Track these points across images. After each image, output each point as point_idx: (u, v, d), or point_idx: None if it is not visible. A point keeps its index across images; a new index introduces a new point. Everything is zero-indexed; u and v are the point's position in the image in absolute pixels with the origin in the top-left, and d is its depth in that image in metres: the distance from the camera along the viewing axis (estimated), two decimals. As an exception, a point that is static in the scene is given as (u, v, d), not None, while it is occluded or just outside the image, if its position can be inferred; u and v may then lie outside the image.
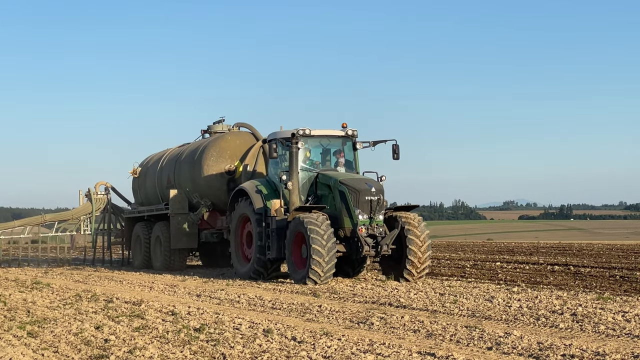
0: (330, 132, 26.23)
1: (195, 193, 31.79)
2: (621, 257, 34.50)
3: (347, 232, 24.24)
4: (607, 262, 31.38)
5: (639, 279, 23.97)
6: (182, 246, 32.79)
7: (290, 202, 25.10)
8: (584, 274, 26.26)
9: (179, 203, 32.50)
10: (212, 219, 32.20)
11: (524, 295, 19.73)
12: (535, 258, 34.70)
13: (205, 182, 31.17)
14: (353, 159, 26.47)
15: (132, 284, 26.62)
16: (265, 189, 26.24)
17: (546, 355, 11.81)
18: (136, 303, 19.98)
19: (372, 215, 24.08)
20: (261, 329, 14.87)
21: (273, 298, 20.52)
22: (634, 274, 25.25)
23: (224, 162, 31.02)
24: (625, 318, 15.31)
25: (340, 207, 24.29)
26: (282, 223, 24.95)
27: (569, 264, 30.54)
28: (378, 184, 24.80)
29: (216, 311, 17.91)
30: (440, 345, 12.89)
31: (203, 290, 23.22)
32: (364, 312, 17.16)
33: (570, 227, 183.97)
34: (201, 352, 12.59)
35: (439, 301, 18.85)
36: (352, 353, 12.24)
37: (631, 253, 37.13)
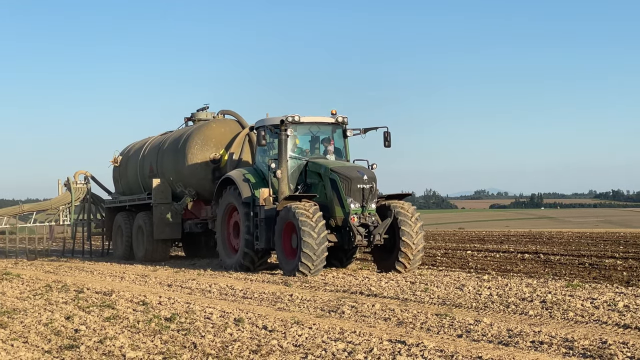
0: (320, 119, 25.60)
1: (179, 182, 31.18)
2: (590, 245, 34.74)
3: (339, 221, 23.61)
4: (576, 250, 31.60)
5: (607, 266, 24.16)
6: (165, 237, 32.08)
7: (280, 191, 24.53)
8: (554, 261, 26.42)
9: (162, 192, 31.83)
10: (197, 208, 31.50)
11: (494, 283, 19.84)
12: (505, 246, 34.88)
13: (190, 171, 30.52)
14: (343, 147, 25.85)
15: (102, 274, 26.52)
16: (253, 177, 25.63)
17: (516, 342, 11.89)
18: (107, 293, 19.92)
19: (364, 204, 23.47)
20: (232, 318, 14.87)
21: (244, 287, 20.52)
22: (603, 262, 25.44)
23: (209, 150, 30.26)
24: (594, 305, 15.43)
25: (332, 195, 23.69)
26: (271, 212, 24.30)
27: (539, 252, 30.73)
28: (370, 171, 24.14)
29: (187, 301, 17.88)
30: (411, 333, 12.95)
31: (174, 280, 23.18)
32: (335, 300, 17.20)
33: (540, 216, 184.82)
34: (172, 342, 12.58)
35: (409, 290, 18.92)
36: (323, 341, 12.27)
37: (600, 241, 37.40)
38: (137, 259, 32.80)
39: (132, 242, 33.68)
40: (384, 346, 11.78)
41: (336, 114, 25.49)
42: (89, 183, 38.40)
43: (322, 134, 25.77)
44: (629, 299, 16.14)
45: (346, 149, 25.80)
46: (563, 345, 11.57)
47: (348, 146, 25.83)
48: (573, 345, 11.52)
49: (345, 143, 25.82)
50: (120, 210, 35.53)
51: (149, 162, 33.52)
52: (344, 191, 23.40)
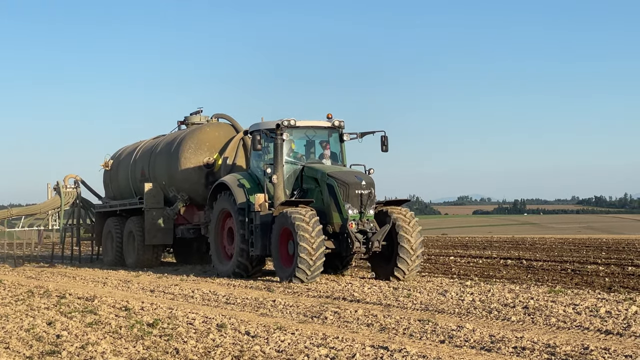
0: (316, 123, 25.11)
1: (172, 187, 30.56)
2: (573, 250, 34.83)
3: (336, 227, 23.07)
4: (559, 256, 31.69)
5: (589, 272, 24.23)
6: (157, 242, 31.47)
7: (275, 196, 23.87)
8: (536, 267, 26.49)
9: (154, 197, 31.30)
10: (189, 214, 31.00)
11: (477, 289, 19.87)
12: (488, 252, 34.93)
13: (183, 175, 29.91)
14: (339, 151, 25.41)
15: (85, 279, 26.44)
16: (248, 182, 25.09)
17: (498, 348, 11.91)
18: (89, 299, 19.86)
19: (362, 210, 22.92)
20: (215, 324, 14.85)
21: (227, 293, 20.49)
22: (585, 268, 25.51)
23: (203, 154, 29.72)
24: (576, 311, 15.47)
25: (329, 201, 23.15)
26: (266, 218, 23.73)
27: (521, 257, 30.79)
28: (368, 177, 23.67)
29: (170, 306, 17.84)
30: (394, 339, 12.95)
31: (157, 286, 23.13)
32: (317, 306, 17.19)
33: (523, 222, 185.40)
34: (154, 347, 12.55)
35: (392, 295, 18.93)
36: (305, 347, 12.26)
37: (582, 247, 37.50)
38: (128, 265, 32.22)
39: (123, 248, 33.07)
40: (367, 352, 11.78)
41: (332, 118, 25.11)
42: (79, 187, 37.67)
43: (318, 138, 25.41)
44: (611, 304, 16.19)
45: (343, 153, 25.47)
46: (545, 350, 11.60)
47: (345, 151, 25.51)
48: (555, 350, 11.55)
49: (342, 147, 25.50)
50: (110, 215, 34.85)
51: (140, 166, 32.94)
52: (341, 197, 22.93)
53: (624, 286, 20.46)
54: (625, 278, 22.39)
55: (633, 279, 22.14)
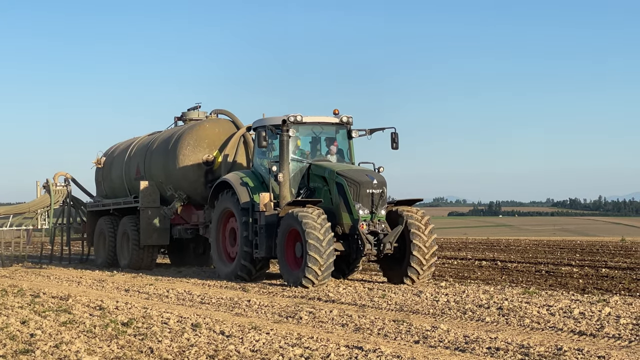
0: (324, 119, 23.95)
1: (169, 185, 29.29)
2: (547, 252, 35.01)
3: (346, 228, 21.97)
4: (533, 257, 31.85)
5: (563, 274, 24.35)
6: (153, 243, 30.22)
7: (281, 195, 22.72)
8: (511, 269, 26.60)
9: (150, 196, 30.01)
10: (187, 213, 29.72)
11: (452, 290, 19.93)
12: (463, 253, 35.06)
13: (181, 173, 28.66)
14: (347, 149, 24.20)
15: (59, 278, 26.33)
16: (251, 181, 23.96)
17: (472, 349, 11.95)
18: (63, 298, 19.78)
19: (373, 210, 21.85)
20: (189, 323, 14.83)
21: (202, 293, 20.47)
22: (559, 269, 25.64)
23: (202, 151, 28.50)
24: (550, 312, 15.55)
25: (338, 201, 22.08)
26: (272, 219, 22.56)
27: (496, 259, 30.93)
28: (379, 175, 22.56)
29: (144, 306, 17.80)
30: (368, 339, 12.97)
31: (132, 285, 23.07)
32: (292, 306, 17.19)
33: (498, 224, 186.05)
34: (128, 347, 12.51)
35: (367, 296, 18.96)
36: (280, 347, 12.26)
37: (557, 249, 37.72)
38: (122, 266, 30.97)
39: (116, 249, 31.90)
40: (341, 352, 11.79)
41: (339, 114, 24.06)
42: (69, 185, 36.33)
43: (324, 134, 24.24)
44: (585, 306, 16.27)
45: (351, 150, 24.28)
46: (519, 351, 11.65)
47: (353, 148, 24.34)
48: (529, 351, 11.60)
49: (350, 144, 24.32)
50: (103, 214, 33.70)
51: (135, 163, 31.73)
52: (351, 196, 21.89)
53: (597, 288, 20.58)
54: (599, 280, 22.52)
55: (606, 280, 22.27)
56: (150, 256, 30.75)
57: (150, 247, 30.55)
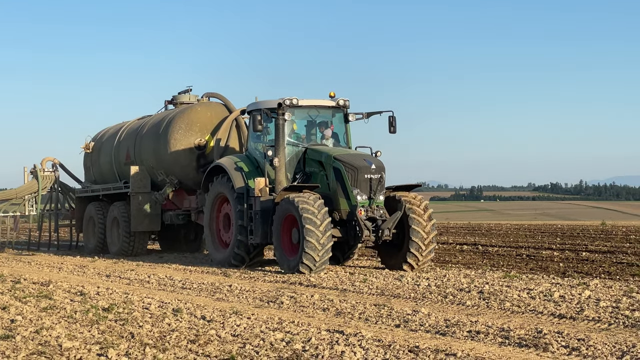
0: (320, 102, 23.42)
1: (160, 170, 28.62)
2: (528, 236, 35.13)
3: (343, 214, 21.51)
4: (514, 241, 31.95)
5: (544, 257, 24.45)
6: (144, 229, 29.54)
7: (277, 180, 22.25)
8: (492, 253, 26.68)
9: (141, 181, 29.31)
10: (179, 198, 29.12)
11: (433, 274, 20.00)
12: (444, 238, 35.13)
13: (172, 158, 27.97)
14: (344, 133, 23.69)
15: (40, 264, 26.26)
16: (246, 165, 23.46)
17: (453, 332, 11.99)
18: (44, 284, 19.73)
19: (372, 195, 21.41)
20: (170, 309, 14.82)
21: (183, 278, 20.45)
22: (540, 253, 25.74)
23: (194, 135, 27.81)
24: (530, 295, 15.61)
25: (335, 186, 21.60)
26: (267, 204, 22.12)
27: (477, 243, 31.02)
28: (378, 160, 22.11)
29: (125, 291, 17.78)
30: (349, 323, 13.00)
31: (113, 271, 23.03)
32: (274, 291, 17.21)
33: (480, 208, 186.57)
34: (109, 332, 12.49)
35: (348, 280, 18.99)
36: (261, 331, 12.27)
37: (538, 233, 37.85)
38: (112, 253, 30.40)
39: (106, 235, 31.20)
40: (322, 336, 11.81)
41: (335, 97, 23.48)
42: (57, 171, 35.56)
43: (320, 118, 23.73)
44: (565, 289, 16.35)
45: (347, 134, 23.76)
46: (499, 334, 11.69)
47: (350, 132, 23.81)
48: (509, 334, 11.64)
49: (347, 128, 23.80)
50: (92, 200, 32.87)
51: (125, 148, 31.00)
52: (349, 181, 21.43)
53: (577, 271, 20.67)
54: (579, 263, 22.62)
55: (587, 264, 22.37)
56: (141, 242, 30.19)
57: (141, 233, 29.96)
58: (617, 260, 23.17)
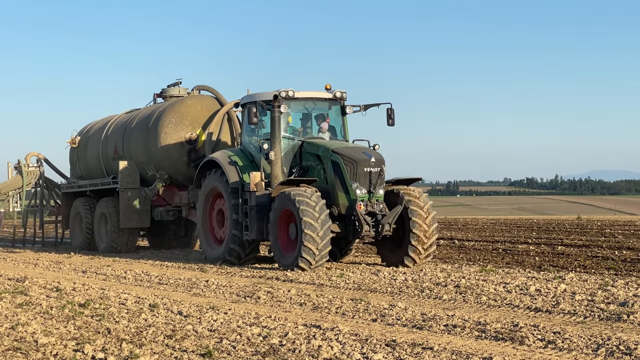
0: (317, 94, 22.83)
1: (150, 165, 27.91)
2: (504, 231, 35.26)
3: (342, 209, 20.93)
4: (490, 236, 32.05)
5: (520, 251, 24.54)
6: (133, 225, 28.88)
7: (273, 174, 21.59)
8: (468, 247, 26.76)
9: (130, 176, 28.57)
10: (169, 194, 28.36)
11: (409, 269, 20.04)
12: (421, 233, 35.12)
13: (163, 152, 27.28)
14: (341, 125, 23.11)
15: (16, 260, 26.14)
16: (240, 160, 22.81)
17: (429, 326, 12.02)
18: (20, 280, 19.63)
19: (371, 189, 20.86)
20: (147, 304, 14.79)
21: (160, 273, 20.41)
22: (516, 247, 25.84)
23: (184, 129, 27.11)
24: (506, 289, 15.66)
25: (333, 180, 21.03)
26: (263, 199, 21.51)
27: (454, 238, 31.10)
28: (377, 153, 21.52)
29: (102, 287, 17.73)
30: (326, 318, 13.01)
31: (89, 267, 22.96)
32: (251, 286, 17.20)
33: (456, 203, 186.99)
34: (85, 327, 12.46)
35: (325, 275, 19.00)
36: (238, 326, 12.26)
37: (514, 227, 38.00)
38: (100, 250, 29.69)
39: (94, 231, 30.48)
40: (299, 330, 11.82)
41: (331, 89, 22.92)
42: (42, 166, 34.72)
43: (317, 110, 23.10)
44: (541, 283, 16.42)
45: (344, 127, 23.19)
46: (476, 328, 11.74)
47: (347, 124, 23.25)
48: (485, 328, 11.69)
49: (344, 121, 23.19)
50: (78, 196, 32.14)
51: (113, 142, 30.20)
52: (348, 175, 20.85)
53: (553, 265, 20.78)
54: (554, 257, 22.73)
55: (562, 258, 22.48)
56: (130, 239, 29.58)
57: (130, 230, 29.32)
58: (592, 254, 23.29)
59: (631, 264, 20.67)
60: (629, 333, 11.16)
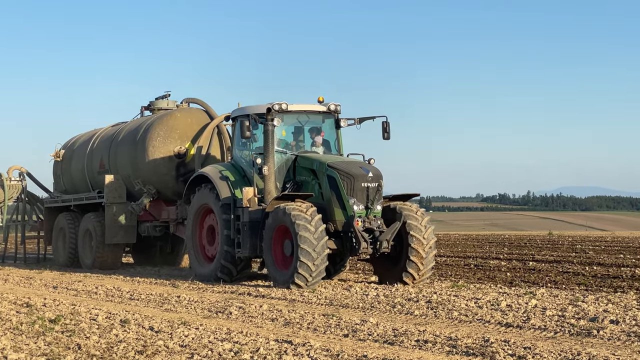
0: (311, 107, 22.25)
1: (137, 179, 27.20)
2: (476, 246, 35.42)
3: (339, 225, 20.31)
4: (462, 251, 32.17)
5: (492, 267, 24.64)
6: (119, 241, 28.06)
7: (266, 190, 20.98)
8: (440, 263, 26.82)
9: (116, 191, 27.84)
10: (156, 209, 27.56)
11: (381, 284, 20.06)
12: (393, 248, 35.19)
13: (151, 166, 26.59)
14: (335, 139, 22.49)
15: (-14, 276, 25.97)
16: (232, 175, 22.10)
17: (401, 341, 12.03)
18: (-11, 295, 19.51)
19: (369, 205, 20.23)
20: (118, 319, 14.72)
21: (131, 289, 20.34)
22: (488, 263, 25.94)
23: (173, 143, 26.49)
24: (478, 304, 15.72)
25: (329, 195, 20.38)
26: (256, 215, 20.84)
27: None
28: (375, 168, 20.85)
29: (73, 302, 17.64)
30: (298, 333, 13.00)
31: (60, 282, 22.84)
32: (222, 301, 17.17)
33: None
34: (56, 343, 12.38)
35: (297, 290, 18.98)
36: (209, 342, 12.23)
37: (486, 243, 38.18)
38: (85, 266, 28.96)
39: (78, 248, 29.63)
40: (271, 346, 11.80)
41: (324, 101, 22.27)
42: (25, 180, 34.09)
43: (311, 124, 22.56)
44: (512, 298, 16.49)
45: (339, 141, 22.54)
46: (447, 343, 11.76)
47: (341, 138, 22.61)
48: (457, 343, 11.71)
49: (338, 134, 22.56)
50: (62, 211, 31.36)
51: (99, 156, 29.48)
52: (345, 191, 20.23)
53: (524, 280, 20.86)
54: (526, 273, 22.83)
55: (533, 273, 22.59)
56: (116, 255, 28.82)
57: (116, 246, 28.52)
58: (563, 269, 23.42)
59: (601, 279, 20.80)
60: (599, 348, 11.22)
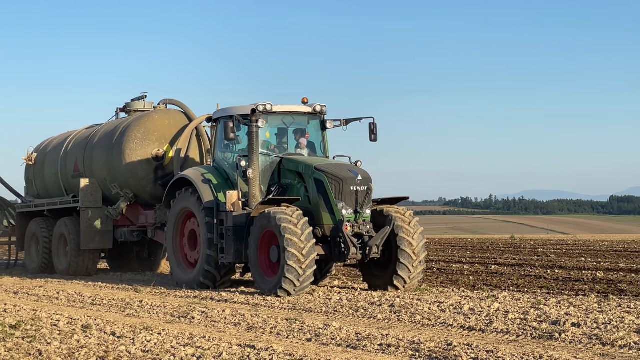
0: (296, 108, 21.61)
1: (114, 183, 26.36)
2: (439, 250, 35.51)
3: (327, 230, 19.66)
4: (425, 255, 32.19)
5: (455, 271, 24.72)
6: (95, 246, 27.17)
7: (251, 193, 20.27)
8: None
9: (92, 195, 26.90)
10: (133, 214, 26.76)
11: (344, 289, 20.07)
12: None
13: (127, 169, 25.79)
14: (321, 141, 21.97)
15: (-55, 282, 25.69)
16: (215, 178, 21.34)
17: (364, 346, 12.04)
18: (-51, 301, 19.32)
19: (358, 209, 19.69)
20: (80, 325, 14.62)
21: (93, 294, 20.21)
22: (451, 267, 26.02)
23: (151, 145, 25.69)
24: (441, 308, 15.76)
25: (317, 199, 19.75)
26: (241, 220, 20.15)
27: (389, 257, 31.17)
28: (364, 171, 20.25)
29: (34, 308, 17.51)
30: (261, 338, 12.98)
31: (21, 288, 22.66)
32: (185, 306, 17.10)
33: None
34: (16, 349, 12.28)
35: (260, 295, 18.95)
36: (172, 347, 12.18)
37: (449, 247, 38.30)
38: (59, 273, 28.04)
39: (52, 253, 28.67)
40: (234, 351, 11.77)
41: (308, 102, 21.69)
42: None
43: (295, 125, 21.95)
44: (474, 302, 16.55)
45: (324, 143, 22.01)
46: (410, 347, 11.78)
47: (327, 140, 22.09)
48: (419, 347, 11.73)
49: (324, 136, 22.02)
50: (35, 216, 30.36)
51: (73, 159, 28.50)
52: (333, 194, 19.64)
53: (487, 284, 20.95)
54: (488, 276, 22.93)
55: (496, 277, 22.68)
56: (92, 261, 27.93)
57: (92, 252, 27.59)
58: (526, 273, 23.54)
59: (563, 282, 20.93)
60: (561, 351, 11.29)
